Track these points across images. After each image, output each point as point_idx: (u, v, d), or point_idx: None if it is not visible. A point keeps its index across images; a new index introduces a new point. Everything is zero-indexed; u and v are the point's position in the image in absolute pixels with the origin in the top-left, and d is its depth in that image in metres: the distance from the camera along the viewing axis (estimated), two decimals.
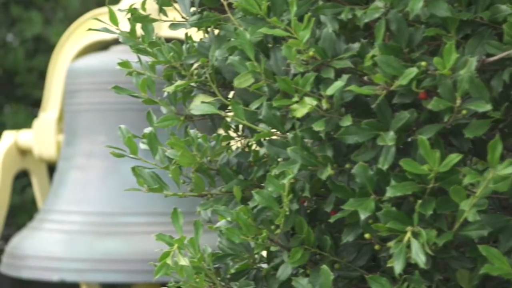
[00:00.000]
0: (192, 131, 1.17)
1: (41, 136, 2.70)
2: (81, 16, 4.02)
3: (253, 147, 1.22)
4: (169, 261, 1.14)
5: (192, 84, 1.18)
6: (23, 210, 4.08)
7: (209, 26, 1.15)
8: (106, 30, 1.23)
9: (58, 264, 2.35)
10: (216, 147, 1.15)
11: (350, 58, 1.02)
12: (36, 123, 2.72)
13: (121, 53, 2.54)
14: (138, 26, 1.26)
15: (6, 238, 4.45)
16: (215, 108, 1.08)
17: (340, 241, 1.12)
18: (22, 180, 3.95)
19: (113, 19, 1.22)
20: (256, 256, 1.15)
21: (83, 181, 2.48)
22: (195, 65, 1.20)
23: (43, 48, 4.01)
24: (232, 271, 1.15)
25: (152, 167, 1.21)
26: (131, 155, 1.23)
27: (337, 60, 1.03)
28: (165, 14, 1.21)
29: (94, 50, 2.71)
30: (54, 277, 2.35)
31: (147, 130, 1.29)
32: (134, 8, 1.21)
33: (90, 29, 1.25)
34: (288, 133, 1.05)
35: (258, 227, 1.09)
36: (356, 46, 1.03)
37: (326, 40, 1.03)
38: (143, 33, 1.30)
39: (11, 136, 2.76)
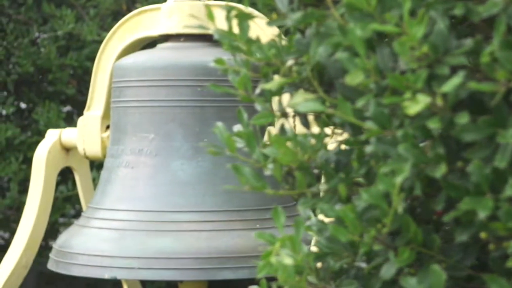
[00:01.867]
0: (288, 129, 1.16)
1: (85, 133, 2.69)
2: (113, 14, 4.02)
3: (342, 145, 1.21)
4: (272, 259, 1.12)
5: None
6: (54, 208, 4.07)
7: (310, 23, 1.14)
8: (201, 27, 1.21)
9: (109, 262, 2.34)
10: (317, 145, 1.13)
11: (463, 54, 1.01)
12: (81, 120, 2.72)
13: (169, 50, 2.53)
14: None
15: None
16: (321, 105, 1.07)
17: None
18: None
19: (211, 16, 1.20)
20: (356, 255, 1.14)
21: (132, 178, 2.46)
22: (290, 62, 1.19)
23: (75, 45, 4.00)
24: (334, 270, 1.14)
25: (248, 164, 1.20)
26: (230, 153, 1.22)
27: (450, 56, 1.01)
28: (268, 12, 1.20)
29: (138, 48, 2.70)
30: (106, 274, 2.34)
31: (237, 127, 1.27)
32: (232, 6, 1.20)
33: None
34: (396, 131, 1.04)
35: (363, 226, 1.08)
36: (468, 42, 1.02)
37: (439, 36, 1.02)
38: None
39: (55, 134, 2.75)
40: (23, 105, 4.10)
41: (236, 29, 1.21)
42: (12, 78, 3.84)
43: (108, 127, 2.69)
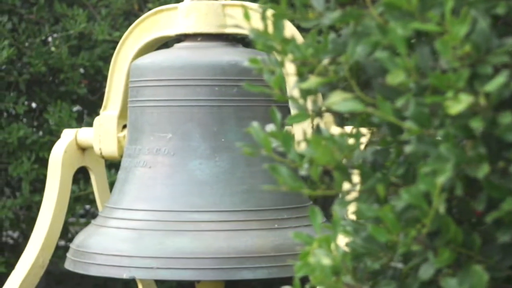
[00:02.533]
0: (323, 129, 1.15)
1: (102, 133, 2.68)
2: (124, 13, 4.01)
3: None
4: (311, 259, 1.11)
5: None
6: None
7: (347, 22, 1.13)
8: (237, 26, 1.21)
9: (128, 262, 2.33)
10: (354, 145, 1.13)
11: (505, 53, 1.00)
12: (97, 120, 2.71)
13: (186, 50, 2.53)
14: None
15: None
16: (361, 105, 1.06)
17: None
18: None
19: (247, 15, 1.20)
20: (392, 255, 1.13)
21: (150, 178, 2.46)
22: (324, 61, 1.18)
23: (87, 45, 4.00)
24: (371, 270, 1.13)
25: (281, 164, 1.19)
26: (266, 153, 1.21)
27: (493, 55, 1.01)
28: (305, 11, 1.19)
29: (154, 47, 2.69)
30: (124, 274, 2.34)
31: (269, 127, 1.27)
32: (268, 5, 1.19)
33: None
34: (437, 131, 1.03)
35: (402, 226, 1.07)
36: (511, 41, 1.01)
37: (480, 35, 1.01)
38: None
39: (71, 133, 2.75)
40: (34, 105, 4.09)
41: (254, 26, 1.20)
42: (24, 78, 3.83)
43: (124, 126, 2.68)
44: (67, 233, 4.21)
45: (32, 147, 3.82)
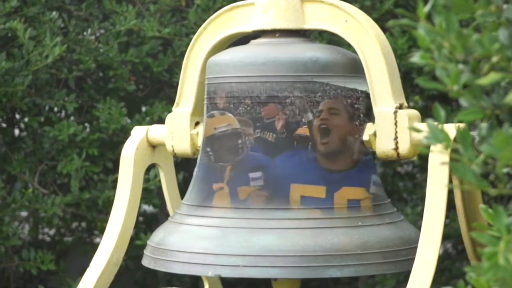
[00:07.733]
0: (505, 126, 1.13)
1: (174, 130, 2.66)
2: (172, 10, 3.99)
3: None
4: (500, 260, 1.09)
5: None
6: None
7: None
8: (410, 22, 1.19)
9: (213, 260, 2.31)
10: None
11: None
12: (169, 117, 2.69)
13: (266, 46, 2.50)
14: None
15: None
16: None
17: None
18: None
19: (421, 11, 1.17)
20: None
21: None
22: (495, 59, 1.16)
23: (135, 41, 3.97)
24: None
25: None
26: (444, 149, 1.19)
27: None
28: (487, 4, 1.17)
29: (227, 44, 2.67)
30: (210, 272, 2.32)
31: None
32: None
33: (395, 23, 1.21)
34: None
35: None
36: None
37: None
38: None
39: (142, 131, 2.73)
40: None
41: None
42: (74, 75, 3.81)
43: (197, 123, 2.66)
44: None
45: (82, 144, 3.80)
